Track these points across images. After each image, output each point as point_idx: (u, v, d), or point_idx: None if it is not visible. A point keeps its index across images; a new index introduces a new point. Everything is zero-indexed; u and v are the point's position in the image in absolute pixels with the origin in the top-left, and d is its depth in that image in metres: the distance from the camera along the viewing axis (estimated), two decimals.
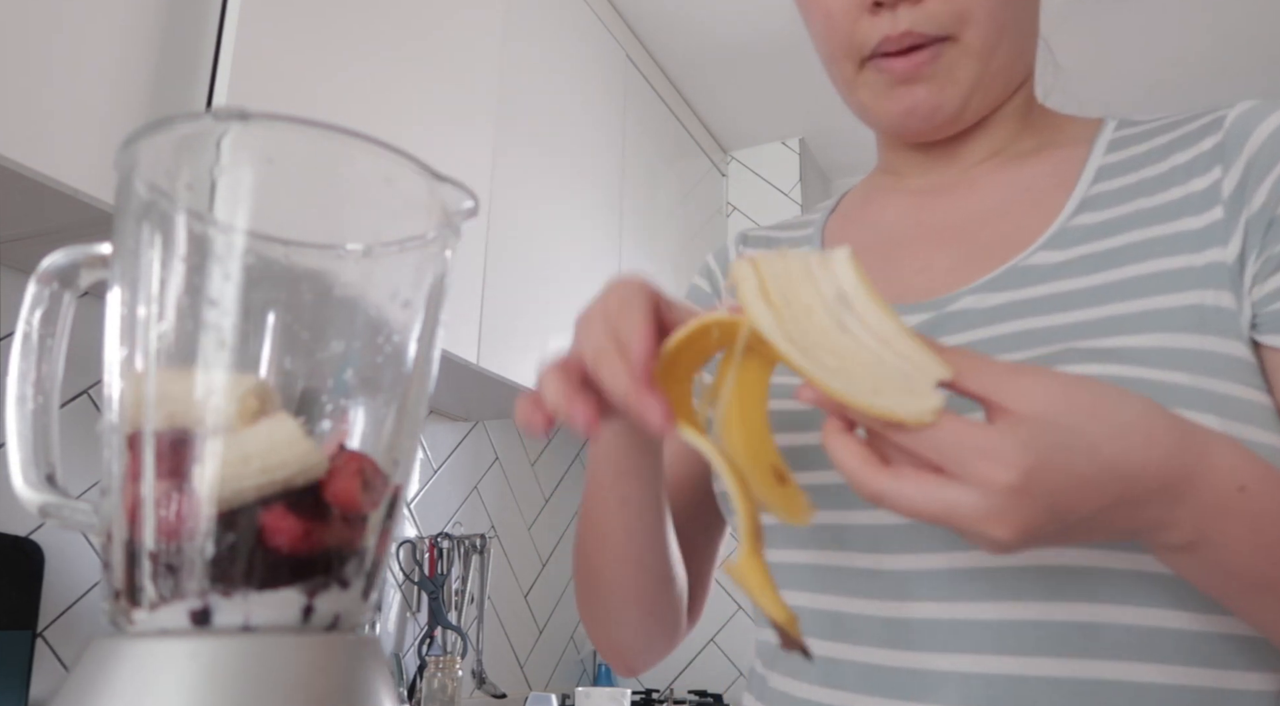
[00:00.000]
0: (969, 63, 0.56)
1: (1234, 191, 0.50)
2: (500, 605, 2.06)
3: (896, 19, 0.55)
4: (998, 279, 0.55)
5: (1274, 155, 0.50)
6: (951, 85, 0.57)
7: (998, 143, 0.62)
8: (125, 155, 0.34)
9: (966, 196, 0.62)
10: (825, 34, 0.60)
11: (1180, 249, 0.50)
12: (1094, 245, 0.53)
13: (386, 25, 1.36)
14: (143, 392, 0.32)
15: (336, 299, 0.36)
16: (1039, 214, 0.57)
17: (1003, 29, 0.56)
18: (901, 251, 0.62)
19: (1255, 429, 0.47)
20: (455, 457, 1.98)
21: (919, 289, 0.58)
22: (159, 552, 0.31)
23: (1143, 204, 0.53)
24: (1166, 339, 0.48)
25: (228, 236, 0.33)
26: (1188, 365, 0.47)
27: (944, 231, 0.61)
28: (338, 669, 0.32)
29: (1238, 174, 0.51)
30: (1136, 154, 0.57)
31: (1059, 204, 0.57)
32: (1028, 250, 0.55)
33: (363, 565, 0.35)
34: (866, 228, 0.66)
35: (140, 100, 1.00)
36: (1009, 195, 0.60)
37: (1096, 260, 0.52)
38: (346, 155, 0.35)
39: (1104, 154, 0.58)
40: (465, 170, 1.53)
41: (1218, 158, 0.52)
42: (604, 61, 2.09)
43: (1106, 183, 0.56)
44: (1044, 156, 0.61)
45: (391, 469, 0.36)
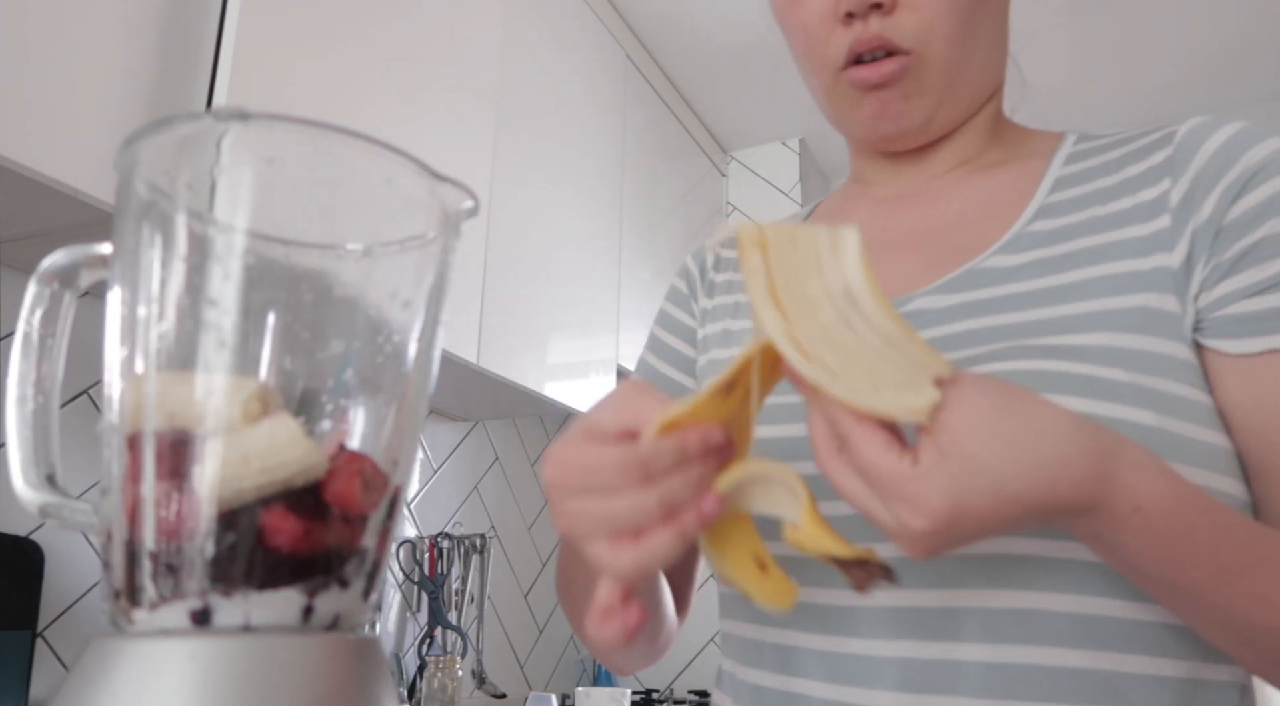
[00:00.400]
0: (935, 76, 0.59)
1: (1181, 201, 0.53)
2: (500, 605, 2.06)
3: (868, 26, 0.59)
4: (954, 281, 0.58)
5: (1221, 168, 0.52)
6: (918, 95, 0.60)
7: (965, 154, 0.65)
8: (125, 155, 0.34)
9: (932, 205, 0.65)
10: (804, 47, 0.63)
11: (1127, 254, 0.53)
12: (1047, 250, 0.56)
13: (387, 25, 1.36)
14: (143, 393, 0.32)
15: (336, 299, 0.36)
16: (998, 221, 0.60)
17: (967, 45, 0.59)
18: (869, 256, 0.64)
19: (1191, 425, 0.50)
20: (455, 457, 1.98)
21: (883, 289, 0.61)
22: (159, 552, 0.31)
23: (1095, 212, 0.56)
24: (1110, 338, 0.50)
25: (228, 236, 0.33)
26: (1128, 363, 0.50)
27: (909, 237, 0.64)
28: (338, 669, 0.32)
29: (1185, 185, 0.53)
30: (1093, 166, 0.60)
31: (1017, 211, 0.60)
32: (984, 254, 0.58)
33: (363, 565, 0.35)
34: None
35: (140, 100, 1.00)
36: (972, 204, 0.62)
37: (1049, 264, 0.55)
38: (346, 155, 0.35)
39: (1062, 165, 0.61)
40: (465, 170, 1.53)
41: (1167, 170, 0.55)
42: (604, 61, 2.09)
43: (1063, 192, 0.59)
44: (1007, 168, 0.64)
45: (391, 469, 0.36)
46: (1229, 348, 0.50)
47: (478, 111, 1.57)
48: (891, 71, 0.59)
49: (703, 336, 0.72)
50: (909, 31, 0.58)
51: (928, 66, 0.59)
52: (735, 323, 0.69)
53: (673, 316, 0.76)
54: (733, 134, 2.70)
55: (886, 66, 0.59)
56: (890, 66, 0.59)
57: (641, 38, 2.29)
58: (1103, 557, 0.45)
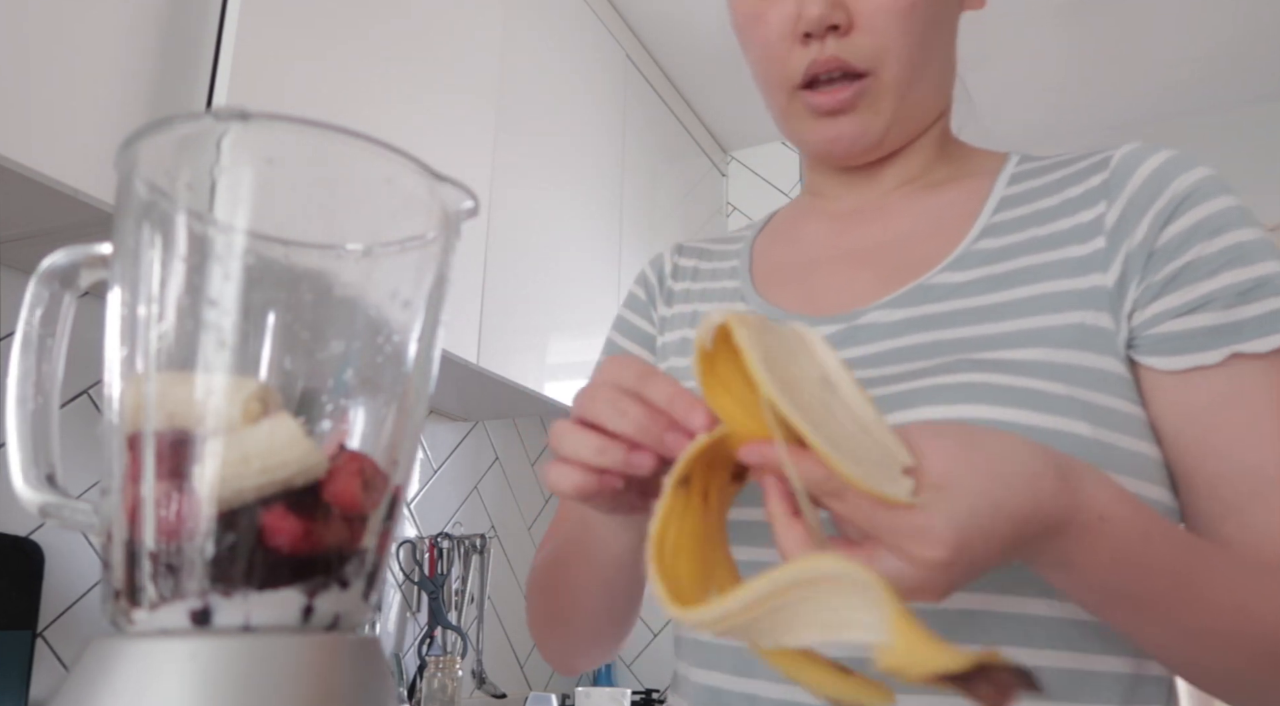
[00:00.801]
0: (888, 97, 0.62)
1: (1116, 224, 0.56)
2: (500, 605, 2.06)
3: (825, 47, 0.61)
4: (904, 296, 0.60)
5: (1152, 193, 0.56)
6: (873, 117, 0.63)
7: (913, 170, 0.68)
8: (125, 155, 0.34)
9: (883, 221, 0.67)
10: (763, 64, 0.65)
11: (1065, 273, 0.56)
12: (992, 268, 0.59)
13: (386, 25, 1.36)
14: (143, 393, 0.32)
15: (336, 299, 0.36)
16: (946, 238, 0.63)
17: (919, 67, 0.62)
18: (822, 270, 0.68)
19: (1124, 436, 0.53)
20: (455, 457, 1.98)
21: (834, 304, 0.64)
22: (159, 552, 0.31)
23: (1036, 232, 0.59)
24: (1049, 353, 0.53)
25: (228, 236, 0.33)
26: (1065, 377, 0.52)
27: (861, 253, 0.66)
28: (338, 669, 0.32)
29: (1120, 208, 0.56)
30: (1035, 187, 0.63)
31: (963, 230, 0.62)
32: (933, 271, 0.61)
33: (363, 565, 0.35)
34: (791, 246, 0.72)
35: (140, 100, 1.00)
36: (921, 221, 0.65)
37: (993, 281, 0.58)
38: (346, 155, 0.35)
39: (1006, 186, 0.64)
40: (465, 170, 1.53)
41: (1103, 193, 0.58)
42: (604, 61, 2.09)
43: (1007, 212, 0.62)
44: (954, 186, 0.66)
45: (391, 469, 0.36)
46: (1160, 364, 0.53)
47: (478, 111, 1.57)
48: (846, 98, 0.61)
49: (661, 343, 0.74)
50: (865, 53, 0.60)
51: (882, 87, 0.61)
52: (693, 331, 0.69)
53: (631, 323, 0.77)
54: (733, 134, 2.70)
55: (842, 93, 0.61)
56: (845, 93, 0.61)
57: (641, 38, 2.29)
58: (1069, 587, 0.45)
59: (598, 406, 0.44)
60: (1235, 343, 0.51)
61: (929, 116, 0.66)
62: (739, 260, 0.74)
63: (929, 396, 0.53)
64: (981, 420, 0.51)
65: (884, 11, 0.60)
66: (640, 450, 0.43)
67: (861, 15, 0.60)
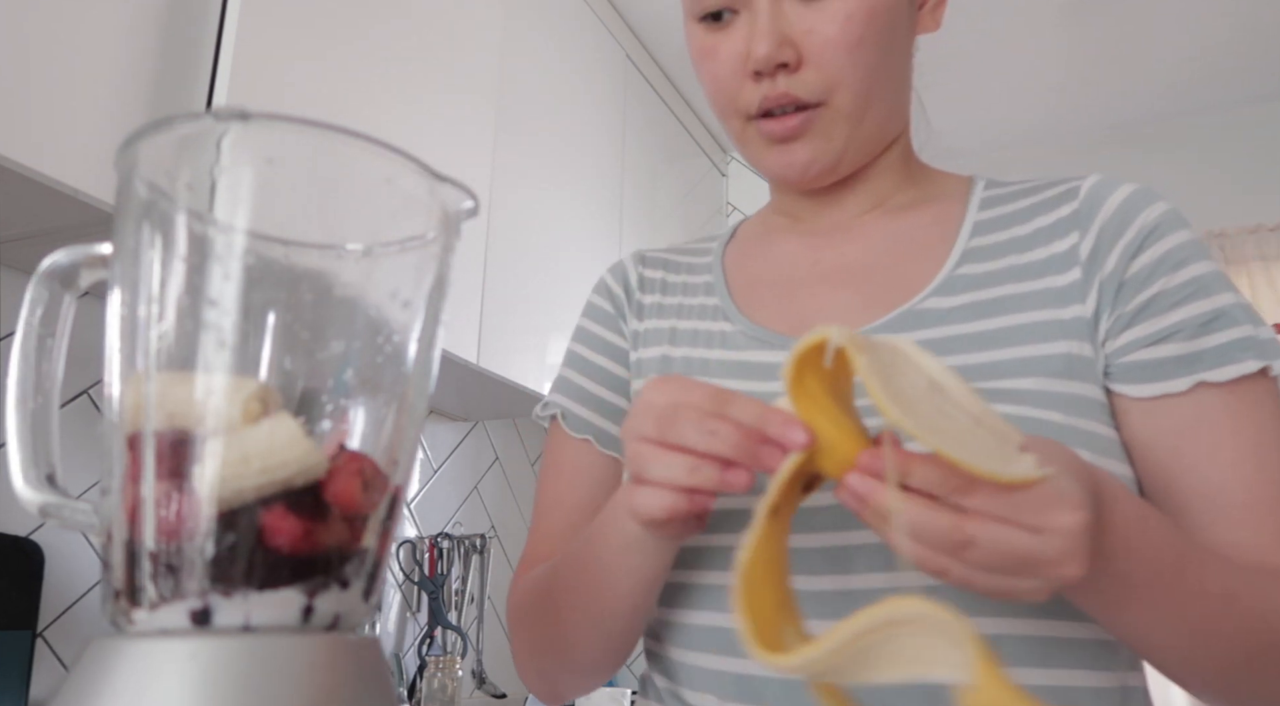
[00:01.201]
0: (841, 124, 0.62)
1: (1089, 255, 0.59)
2: (500, 605, 2.06)
3: (775, 84, 0.61)
4: (895, 320, 0.61)
5: (1120, 226, 0.59)
6: (825, 142, 0.63)
7: (879, 194, 0.69)
8: (125, 155, 0.34)
9: (857, 242, 0.68)
10: (715, 95, 0.67)
11: (1048, 303, 0.58)
12: (977, 294, 0.60)
13: (387, 26, 1.36)
14: (143, 393, 0.32)
15: (336, 299, 0.36)
16: (926, 262, 0.64)
17: (871, 94, 0.62)
18: (801, 290, 0.68)
19: (1113, 461, 0.56)
20: (455, 457, 1.98)
21: (822, 324, 0.62)
22: (159, 552, 0.31)
23: (1014, 260, 0.61)
24: (1043, 383, 0.55)
25: (228, 236, 0.33)
26: (1061, 406, 0.55)
27: (839, 274, 0.67)
28: (338, 669, 0.32)
29: (1091, 239, 0.59)
30: (1005, 213, 0.64)
31: (943, 254, 0.64)
32: (920, 295, 0.61)
33: (363, 565, 0.35)
34: (766, 263, 0.72)
35: (140, 100, 1.00)
36: (896, 243, 0.66)
37: (980, 308, 0.59)
38: (346, 155, 0.35)
39: (978, 211, 0.66)
40: (465, 170, 1.53)
41: (1075, 224, 0.60)
42: (604, 61, 2.09)
43: (982, 238, 0.64)
44: (923, 209, 0.68)
45: (391, 469, 0.36)
46: (1130, 391, 0.56)
47: (478, 111, 1.57)
48: (795, 126, 0.62)
49: (636, 359, 0.72)
50: (815, 87, 0.61)
51: (834, 117, 0.62)
52: (675, 349, 0.69)
53: (597, 335, 0.74)
54: None
55: (791, 121, 0.62)
56: (794, 122, 0.62)
57: (641, 38, 2.29)
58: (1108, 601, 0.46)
59: (681, 427, 0.43)
60: (1199, 372, 0.54)
61: (885, 139, 0.67)
62: (712, 275, 0.73)
63: None
64: None
65: (832, 47, 0.60)
66: (735, 467, 0.43)
67: (810, 52, 0.60)
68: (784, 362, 0.40)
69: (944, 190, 0.69)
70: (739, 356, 0.65)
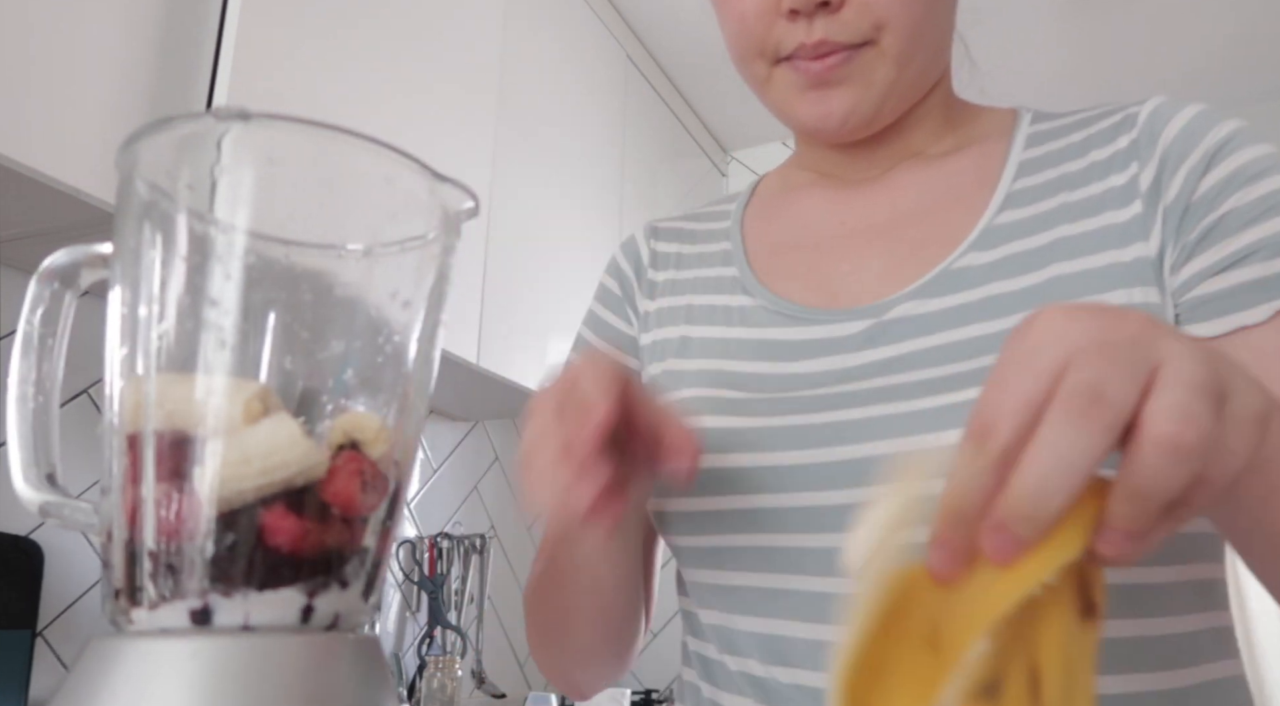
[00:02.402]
0: (885, 67, 0.55)
1: (1151, 185, 0.52)
2: (500, 605, 2.06)
3: (812, 28, 0.54)
4: (931, 284, 0.54)
5: (1185, 148, 0.51)
6: (866, 89, 0.56)
7: (917, 143, 0.62)
8: (125, 155, 0.34)
9: (889, 195, 0.61)
10: (738, 34, 0.58)
11: (1106, 244, 0.51)
12: (1020, 243, 0.53)
13: (387, 25, 1.36)
14: (143, 393, 0.32)
15: (336, 299, 0.36)
16: (964, 212, 0.57)
17: (920, 34, 0.55)
18: (829, 251, 0.61)
19: None
20: (455, 457, 1.98)
21: (852, 292, 0.58)
22: (159, 552, 0.31)
23: (1065, 198, 0.54)
24: None
25: (228, 236, 0.33)
26: None
27: (870, 231, 0.60)
28: (338, 669, 0.32)
29: (1153, 168, 0.52)
30: (1055, 149, 0.57)
31: (983, 201, 0.57)
32: (957, 251, 0.55)
33: (363, 565, 0.35)
34: (788, 225, 0.65)
35: (140, 100, 1.00)
36: (932, 193, 0.59)
37: (1025, 259, 0.53)
38: (346, 155, 0.35)
39: (1023, 149, 0.58)
40: (465, 170, 1.53)
41: (1134, 154, 0.53)
42: (604, 61, 2.09)
43: (1028, 178, 0.56)
44: (964, 153, 0.61)
45: (391, 469, 0.36)
46: (1201, 332, 0.48)
47: (478, 111, 1.57)
48: (836, 64, 0.54)
49: (650, 343, 0.66)
50: (858, 29, 0.54)
51: (878, 58, 0.55)
52: (694, 329, 0.63)
53: (605, 320, 0.70)
54: (733, 134, 2.70)
55: (833, 59, 0.54)
56: (835, 59, 0.54)
57: (641, 38, 2.29)
58: (1242, 504, 0.39)
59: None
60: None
61: (927, 84, 0.60)
62: (729, 242, 0.67)
63: None
64: None
65: None
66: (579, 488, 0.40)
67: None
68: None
69: (986, 129, 0.62)
70: (761, 334, 0.59)
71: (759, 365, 0.58)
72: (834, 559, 0.52)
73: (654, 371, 0.65)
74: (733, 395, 0.58)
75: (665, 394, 0.62)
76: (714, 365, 0.60)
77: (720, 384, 0.59)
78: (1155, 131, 0.53)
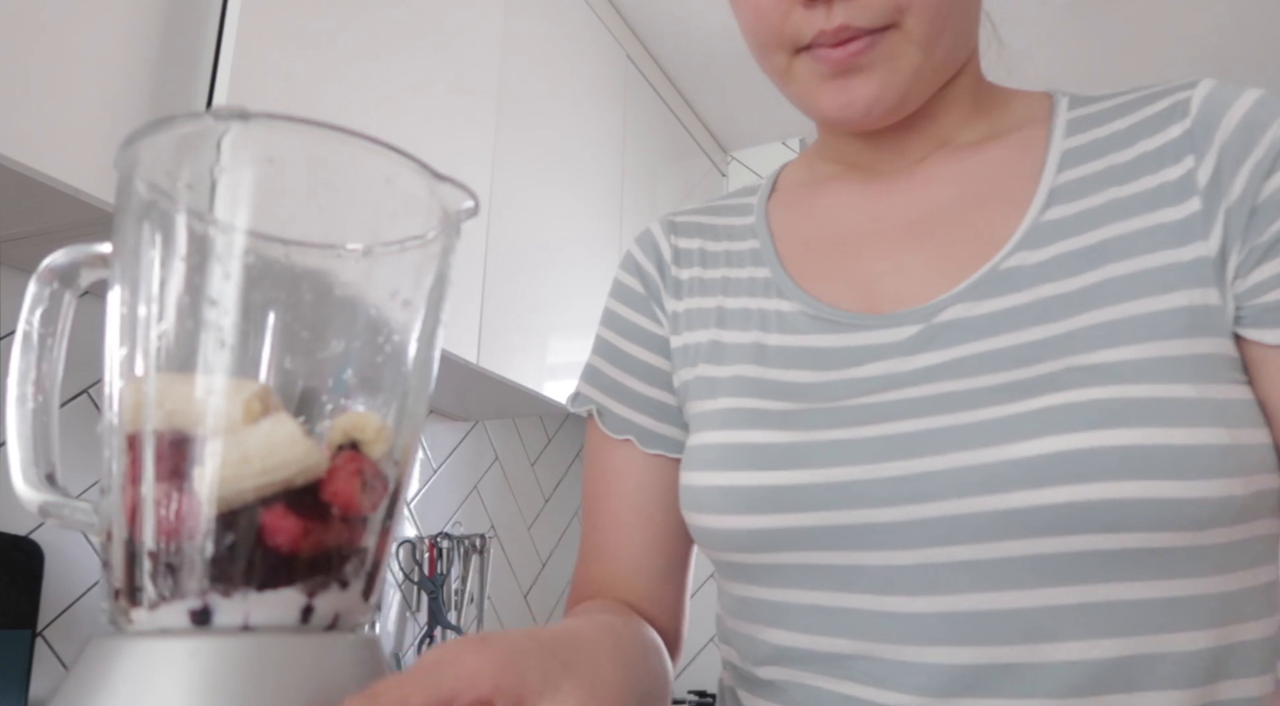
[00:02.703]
0: (911, 51, 0.53)
1: (1210, 181, 0.49)
2: (500, 605, 2.06)
3: (831, 14, 0.52)
4: (980, 284, 0.52)
5: (1247, 142, 0.49)
6: (891, 74, 0.53)
7: (947, 129, 0.60)
8: (125, 155, 0.34)
9: (923, 188, 0.59)
10: (754, 25, 0.56)
11: (1162, 244, 0.49)
12: (1072, 241, 0.51)
13: (386, 25, 1.36)
14: (143, 392, 0.32)
15: (336, 299, 0.36)
16: (1006, 207, 0.55)
17: (946, 15, 0.53)
18: (864, 249, 0.59)
19: (1254, 430, 0.47)
20: (455, 457, 1.98)
21: (894, 294, 0.56)
22: (159, 552, 0.31)
23: (1116, 193, 0.52)
24: (1162, 347, 0.47)
25: (228, 236, 0.33)
26: (1189, 374, 0.46)
27: (906, 228, 0.58)
28: (338, 669, 0.32)
29: (1212, 163, 0.50)
30: (1099, 137, 0.55)
31: (1026, 195, 0.54)
32: (1004, 249, 0.53)
33: (363, 565, 0.35)
34: (817, 220, 0.63)
35: (140, 100, 1.00)
36: (969, 186, 0.57)
37: (1077, 258, 0.51)
38: (346, 155, 0.35)
39: (1064, 137, 0.56)
40: (465, 170, 1.53)
41: (1188, 146, 0.51)
42: (604, 61, 2.09)
43: (1073, 170, 0.54)
44: (999, 142, 0.58)
45: (391, 469, 0.36)
46: (1267, 338, 0.47)
47: (478, 111, 1.57)
48: (859, 50, 0.52)
49: (681, 345, 0.63)
50: (880, 12, 0.51)
51: (903, 42, 0.52)
52: (726, 333, 0.61)
53: (629, 320, 0.66)
54: (733, 134, 2.70)
55: (855, 45, 0.52)
56: (858, 45, 0.52)
57: (641, 38, 2.29)
58: None
59: None
60: None
61: (955, 66, 0.57)
62: (757, 240, 0.64)
63: (1043, 422, 0.46)
64: (1111, 448, 0.44)
65: None
66: None
67: None
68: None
69: (1021, 116, 0.59)
70: (802, 341, 0.57)
71: (799, 373, 0.56)
72: (890, 577, 0.50)
73: (686, 377, 0.63)
74: (772, 406, 0.55)
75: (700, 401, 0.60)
76: (751, 372, 0.58)
77: (758, 393, 0.56)
78: (1211, 122, 0.50)
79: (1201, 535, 0.46)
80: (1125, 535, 0.45)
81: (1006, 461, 0.47)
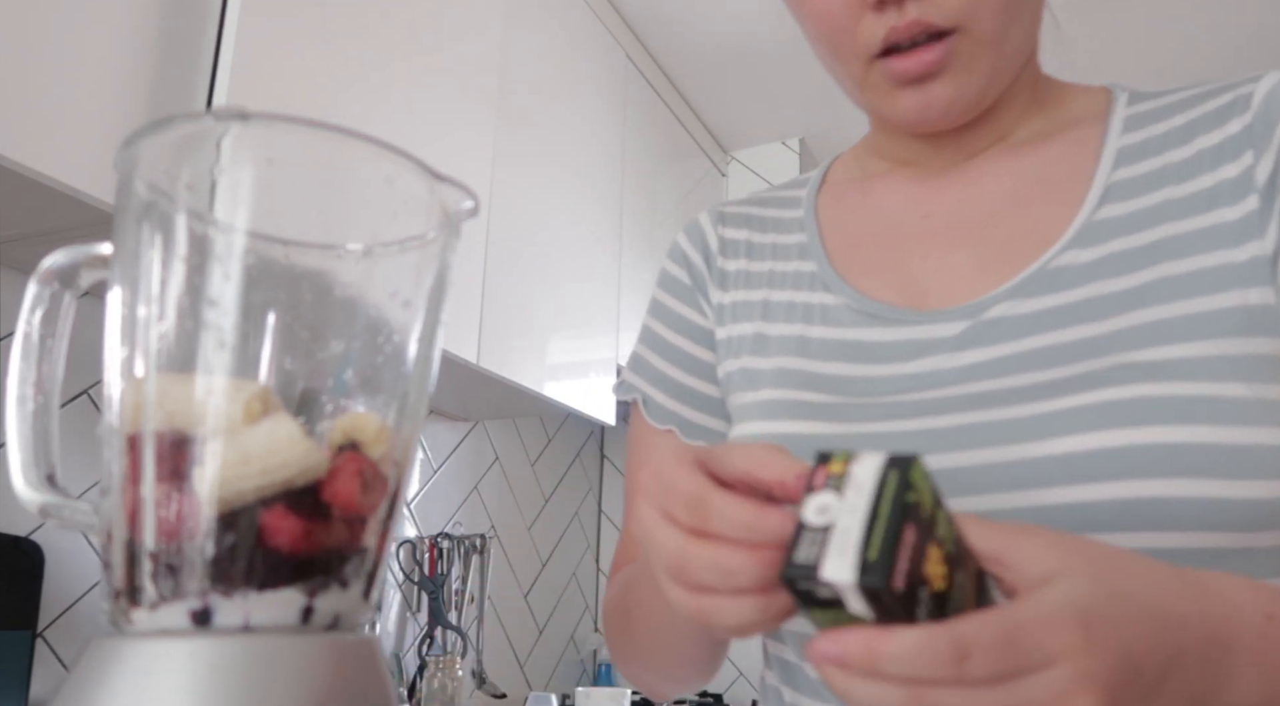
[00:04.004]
0: (982, 53, 0.52)
1: (1269, 178, 0.48)
2: (500, 605, 2.06)
3: (903, 13, 0.51)
4: (1028, 282, 0.52)
5: None
6: (967, 76, 0.53)
7: (1005, 125, 0.59)
8: (125, 155, 0.34)
9: (976, 186, 0.59)
10: (825, 35, 0.56)
11: (1218, 243, 0.48)
12: (1124, 241, 0.50)
13: (387, 25, 1.36)
14: (143, 393, 0.32)
15: (336, 299, 0.36)
16: (1058, 205, 0.54)
17: (1014, 12, 0.52)
18: (913, 247, 0.58)
19: None
20: (455, 457, 1.98)
21: (941, 291, 0.56)
22: (159, 553, 0.31)
23: (1171, 193, 0.51)
24: (1217, 346, 0.46)
25: (228, 236, 0.33)
26: (1244, 373, 0.45)
27: (957, 225, 0.58)
28: (338, 669, 0.32)
29: (1272, 159, 0.48)
30: (1156, 135, 0.54)
31: (1079, 193, 0.54)
32: (1055, 248, 0.52)
33: (363, 565, 0.35)
34: (867, 217, 0.62)
35: (140, 100, 1.00)
36: (1022, 184, 0.57)
37: (1129, 258, 0.50)
38: (346, 155, 0.35)
39: (1121, 134, 0.55)
40: (465, 170, 1.53)
41: (1248, 142, 0.50)
42: (604, 61, 2.09)
43: (1128, 168, 0.53)
44: (1055, 138, 0.58)
45: (391, 469, 0.36)
46: None
47: (478, 111, 1.57)
48: (934, 60, 0.52)
49: (725, 337, 0.63)
50: (952, 10, 0.51)
51: (975, 45, 0.52)
52: (770, 326, 0.61)
53: (675, 311, 0.66)
54: (733, 134, 2.70)
55: (927, 55, 0.51)
56: (931, 54, 0.51)
57: (641, 38, 2.29)
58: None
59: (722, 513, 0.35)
60: None
61: (1022, 60, 0.56)
62: (805, 234, 0.63)
63: (1087, 418, 0.46)
64: (1159, 445, 0.44)
65: None
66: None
67: None
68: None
69: (1078, 111, 0.58)
70: (846, 334, 0.57)
71: (843, 367, 0.56)
72: None
73: (730, 368, 0.63)
74: (815, 398, 0.55)
75: (742, 392, 0.60)
76: (793, 364, 0.58)
77: (800, 385, 0.56)
78: (1273, 116, 0.49)
79: (1251, 537, 0.45)
80: (1173, 534, 0.44)
81: (1049, 456, 0.46)
